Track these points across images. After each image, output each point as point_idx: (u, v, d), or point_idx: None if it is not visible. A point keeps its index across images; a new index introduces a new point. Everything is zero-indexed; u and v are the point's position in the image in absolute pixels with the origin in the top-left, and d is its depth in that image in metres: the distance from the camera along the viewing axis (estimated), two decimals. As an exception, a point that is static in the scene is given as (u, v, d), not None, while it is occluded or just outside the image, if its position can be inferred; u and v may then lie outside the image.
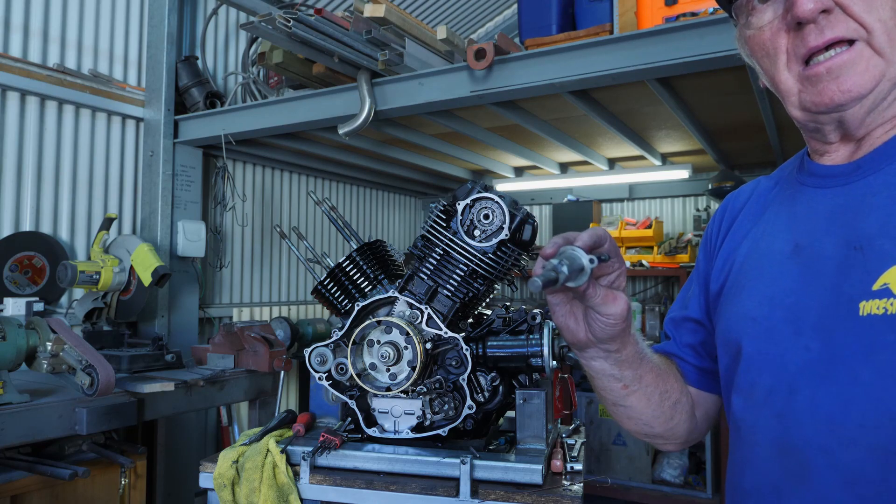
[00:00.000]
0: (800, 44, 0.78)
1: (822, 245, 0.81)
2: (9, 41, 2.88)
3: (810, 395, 0.76)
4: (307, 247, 2.20)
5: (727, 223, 1.01)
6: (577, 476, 1.61)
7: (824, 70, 0.77)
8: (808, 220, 0.84)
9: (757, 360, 0.84)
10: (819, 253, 0.80)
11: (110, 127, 3.30)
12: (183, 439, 3.36)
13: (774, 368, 0.81)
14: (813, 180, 0.87)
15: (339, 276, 1.85)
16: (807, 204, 0.86)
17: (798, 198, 0.89)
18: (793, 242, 0.85)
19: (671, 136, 3.86)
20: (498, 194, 1.64)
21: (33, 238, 2.93)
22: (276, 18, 2.52)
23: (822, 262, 0.80)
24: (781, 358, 0.80)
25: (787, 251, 0.85)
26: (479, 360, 1.67)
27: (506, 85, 2.47)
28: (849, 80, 0.76)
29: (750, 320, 0.86)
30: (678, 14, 2.32)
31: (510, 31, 5.51)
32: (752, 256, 0.90)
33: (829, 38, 0.75)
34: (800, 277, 0.81)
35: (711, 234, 1.04)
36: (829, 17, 0.75)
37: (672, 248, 4.68)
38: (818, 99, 0.78)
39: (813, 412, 0.76)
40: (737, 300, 0.90)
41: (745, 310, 0.87)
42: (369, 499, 1.60)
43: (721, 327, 0.93)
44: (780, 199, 0.93)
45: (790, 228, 0.86)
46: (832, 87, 0.77)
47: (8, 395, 1.97)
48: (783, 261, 0.84)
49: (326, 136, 3.44)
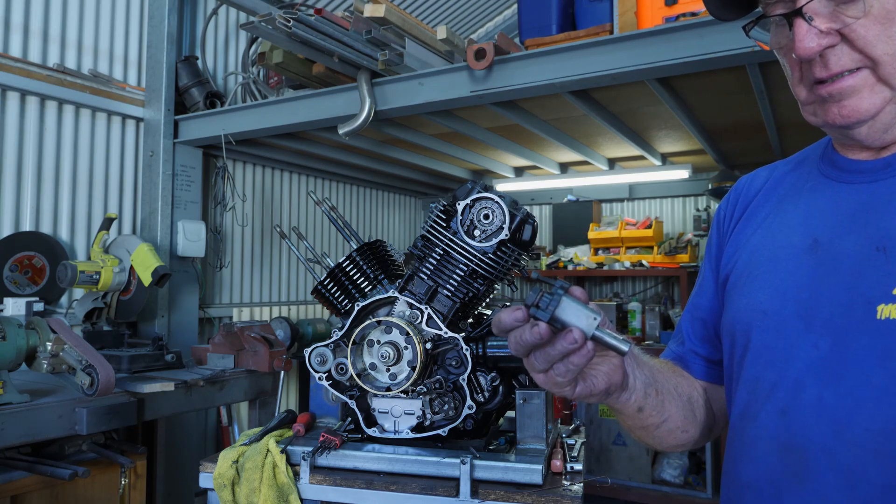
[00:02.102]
0: (807, 71, 0.79)
1: (842, 242, 0.79)
2: (9, 41, 2.88)
3: (817, 395, 0.75)
4: (307, 247, 2.20)
5: (741, 207, 0.99)
6: (577, 476, 1.61)
7: (826, 94, 0.77)
8: (830, 216, 0.82)
9: (764, 354, 0.83)
10: (838, 250, 0.78)
11: (110, 127, 3.30)
12: (183, 439, 3.36)
13: (781, 364, 0.80)
14: (837, 174, 0.85)
15: (339, 276, 1.85)
16: (829, 198, 0.84)
17: (819, 190, 0.86)
18: (811, 237, 0.82)
19: (671, 136, 3.86)
20: (498, 194, 1.64)
21: (33, 238, 2.93)
22: (276, 18, 2.52)
23: (840, 260, 0.78)
24: (789, 353, 0.79)
25: (804, 245, 0.83)
26: (479, 360, 1.67)
27: (506, 85, 2.47)
28: (850, 105, 0.76)
29: (760, 313, 0.84)
30: (678, 14, 2.32)
31: (510, 31, 5.51)
32: (767, 247, 0.88)
33: (834, 72, 0.75)
34: (815, 274, 0.80)
35: (724, 218, 1.02)
36: (834, 50, 0.75)
37: (672, 248, 4.68)
38: (824, 118, 0.79)
39: (818, 412, 0.75)
40: (747, 291, 0.88)
41: (756, 302, 0.85)
42: (369, 499, 1.60)
43: (729, 317, 0.91)
44: (798, 189, 0.90)
45: (809, 222, 0.84)
46: (834, 110, 0.77)
47: (8, 395, 1.97)
48: (800, 255, 0.82)
49: (326, 136, 3.44)
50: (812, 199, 0.86)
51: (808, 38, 0.74)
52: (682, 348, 1.07)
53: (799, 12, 0.74)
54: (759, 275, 0.87)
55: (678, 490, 4.19)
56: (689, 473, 4.30)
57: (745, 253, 0.92)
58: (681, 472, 4.27)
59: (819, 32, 0.74)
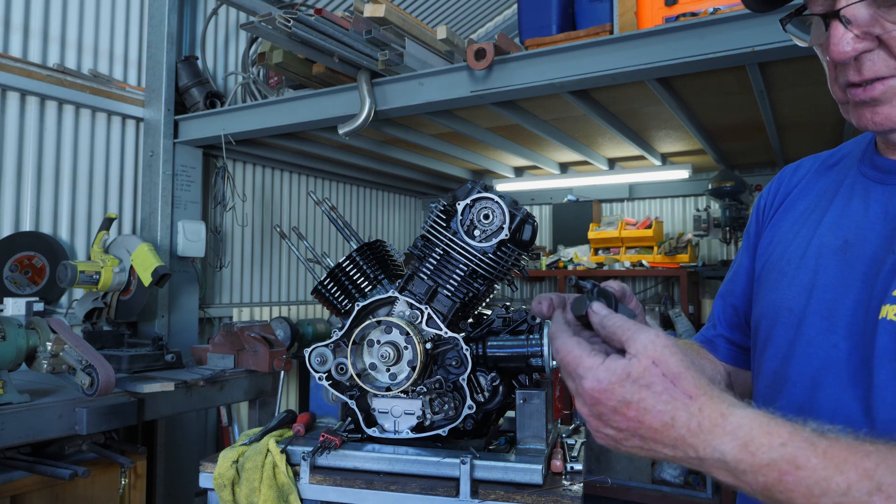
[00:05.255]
0: (841, 73, 0.77)
1: (868, 245, 0.79)
2: (9, 41, 2.88)
3: (834, 395, 0.76)
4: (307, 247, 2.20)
5: (780, 197, 0.99)
6: (577, 476, 1.61)
7: (858, 100, 0.75)
8: (862, 217, 0.82)
9: (784, 349, 0.84)
10: (864, 252, 0.79)
11: (110, 127, 3.30)
12: (183, 439, 3.36)
13: (801, 361, 0.81)
14: (874, 174, 0.84)
15: (339, 276, 1.85)
16: (864, 199, 0.83)
17: (856, 190, 0.85)
18: (843, 238, 0.82)
19: (671, 136, 3.86)
20: (498, 194, 1.64)
21: (33, 238, 2.93)
22: (276, 18, 2.52)
23: (864, 261, 0.78)
24: (809, 352, 0.80)
25: (834, 246, 0.83)
26: (479, 360, 1.67)
27: (506, 85, 2.47)
28: (883, 112, 0.74)
29: (786, 310, 0.85)
30: (678, 14, 2.32)
31: (510, 31, 5.51)
32: (800, 245, 0.88)
33: (867, 78, 0.73)
34: (841, 275, 0.80)
35: (764, 206, 1.02)
36: (871, 55, 0.72)
37: (672, 248, 4.68)
38: (858, 122, 0.77)
39: (834, 412, 0.75)
40: (777, 286, 0.89)
41: (784, 298, 0.86)
42: (369, 499, 1.60)
43: (757, 311, 0.92)
44: (837, 187, 0.89)
45: (841, 222, 0.84)
46: (867, 115, 0.75)
47: (8, 395, 1.97)
48: (830, 255, 0.83)
49: (326, 136, 3.44)
50: (849, 198, 0.86)
51: (843, 42, 0.71)
52: (713, 332, 1.09)
53: (836, 14, 0.72)
54: (789, 272, 0.87)
55: (678, 490, 4.19)
56: (689, 473, 4.30)
57: (778, 247, 0.92)
58: (681, 472, 4.27)
59: (855, 37, 0.71)
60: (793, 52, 1.99)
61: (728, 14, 2.04)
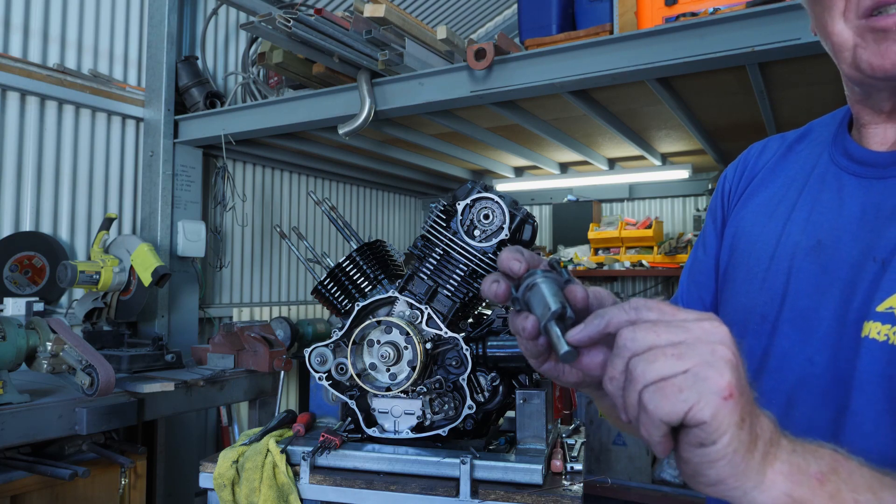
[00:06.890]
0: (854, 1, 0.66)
1: (845, 248, 0.71)
2: (9, 41, 2.88)
3: (806, 415, 0.71)
4: (307, 247, 2.20)
5: (745, 180, 0.90)
6: (577, 476, 1.61)
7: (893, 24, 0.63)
8: (836, 215, 0.74)
9: (757, 360, 0.78)
10: (841, 257, 0.72)
11: (110, 127, 3.30)
12: (183, 439, 3.36)
13: (775, 375, 0.75)
14: (847, 164, 0.76)
15: (339, 276, 1.85)
16: (837, 193, 0.75)
17: (827, 181, 0.77)
18: (815, 237, 0.75)
19: (671, 136, 3.86)
20: (498, 194, 1.65)
21: (33, 238, 2.93)
22: (276, 18, 2.52)
23: (841, 268, 0.71)
24: (783, 365, 0.74)
25: (807, 246, 0.75)
26: (479, 360, 1.67)
27: (506, 85, 2.47)
28: None
29: (758, 316, 0.78)
30: (678, 14, 2.32)
31: (510, 31, 5.51)
32: (768, 240, 0.80)
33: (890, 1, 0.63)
34: (817, 281, 0.73)
35: (731, 189, 0.93)
36: None
37: (672, 248, 4.68)
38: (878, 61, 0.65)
39: (806, 433, 0.72)
40: (746, 289, 0.81)
41: (754, 304, 0.79)
42: (369, 499, 1.60)
43: (726, 316, 0.84)
44: (805, 175, 0.81)
45: (814, 219, 0.76)
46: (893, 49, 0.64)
47: (8, 395, 1.97)
48: (803, 256, 0.75)
49: (326, 136, 3.44)
50: (819, 190, 0.78)
51: None
52: None
53: None
54: (759, 272, 0.80)
55: (678, 490, 4.19)
56: (689, 473, 4.30)
57: (744, 240, 0.84)
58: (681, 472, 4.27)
59: None
60: (793, 52, 1.99)
61: (728, 14, 2.04)
